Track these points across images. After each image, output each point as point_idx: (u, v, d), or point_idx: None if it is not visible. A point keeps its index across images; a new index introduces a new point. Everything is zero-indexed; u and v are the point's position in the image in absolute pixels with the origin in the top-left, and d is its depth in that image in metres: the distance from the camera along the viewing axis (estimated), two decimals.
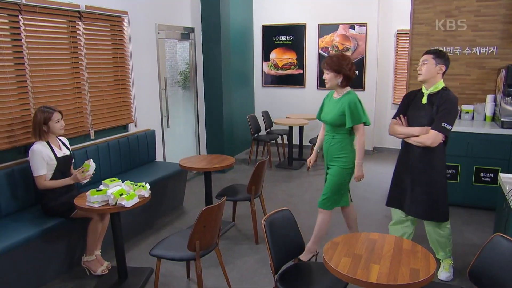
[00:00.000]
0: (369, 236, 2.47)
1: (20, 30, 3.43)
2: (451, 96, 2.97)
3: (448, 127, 2.92)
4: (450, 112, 2.93)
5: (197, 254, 2.76)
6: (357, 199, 5.18)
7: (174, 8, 5.60)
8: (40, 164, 3.20)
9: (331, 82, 3.30)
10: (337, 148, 3.34)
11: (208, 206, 2.72)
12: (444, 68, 3.00)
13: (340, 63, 3.23)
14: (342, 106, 3.25)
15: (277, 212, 2.63)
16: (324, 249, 2.27)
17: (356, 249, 2.28)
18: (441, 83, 3.03)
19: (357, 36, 7.15)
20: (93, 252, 3.43)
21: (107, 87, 4.39)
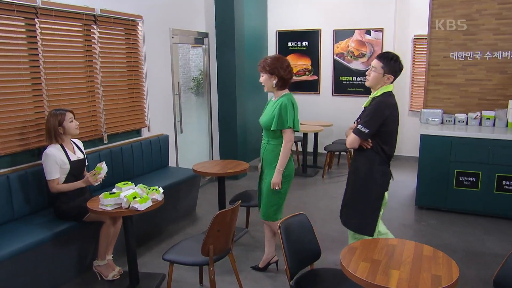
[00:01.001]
0: (388, 241, 2.43)
1: (36, 33, 3.49)
2: (379, 100, 2.86)
3: (364, 130, 2.82)
4: (370, 115, 2.83)
5: (210, 259, 2.74)
6: None
7: (188, 13, 5.66)
8: (53, 167, 3.23)
9: (267, 85, 3.27)
10: (272, 153, 3.27)
11: (222, 210, 2.71)
12: (392, 78, 2.91)
13: (274, 64, 3.20)
14: (275, 109, 3.21)
15: (293, 216, 2.61)
16: (341, 254, 2.24)
17: (374, 255, 2.24)
18: (385, 88, 2.91)
19: (373, 42, 7.13)
20: (104, 257, 3.44)
21: (120, 91, 4.44)
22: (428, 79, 5.42)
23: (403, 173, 6.73)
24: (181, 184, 4.53)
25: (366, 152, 2.93)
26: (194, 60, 10.95)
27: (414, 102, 7.36)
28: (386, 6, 6.97)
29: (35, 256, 3.00)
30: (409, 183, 6.12)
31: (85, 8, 3.88)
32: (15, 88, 3.36)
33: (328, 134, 7.65)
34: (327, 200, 5.44)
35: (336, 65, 7.49)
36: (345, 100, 7.54)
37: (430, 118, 5.25)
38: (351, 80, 7.41)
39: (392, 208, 5.12)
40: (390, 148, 2.94)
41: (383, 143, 2.89)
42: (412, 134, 7.32)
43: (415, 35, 7.08)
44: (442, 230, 4.43)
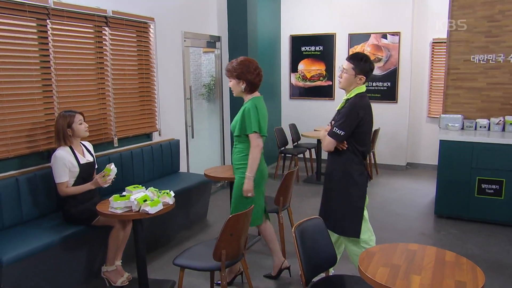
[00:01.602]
0: (408, 246, 2.39)
1: (48, 34, 3.54)
2: (353, 102, 2.92)
3: (339, 133, 2.88)
4: (344, 117, 2.89)
5: (222, 264, 2.71)
6: (391, 216, 5.06)
7: (201, 16, 5.71)
8: (62, 170, 3.25)
9: (235, 90, 3.24)
10: (239, 157, 3.27)
11: (235, 213, 2.69)
12: (364, 79, 2.96)
13: (241, 69, 3.16)
14: (240, 113, 3.20)
15: (309, 220, 2.58)
16: (359, 258, 2.21)
17: (394, 259, 2.20)
18: (359, 89, 2.97)
19: (390, 46, 7.09)
20: (113, 262, 3.43)
21: (131, 94, 4.47)
22: (447, 83, 5.36)
23: (421, 181, 6.65)
24: (192, 190, 4.53)
25: (342, 154, 2.99)
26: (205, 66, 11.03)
27: (432, 108, 7.28)
28: (403, 9, 6.95)
29: (42, 260, 3.01)
30: (427, 191, 6.03)
31: (96, 9, 3.94)
32: (25, 89, 3.40)
33: None
34: None
35: None
36: None
37: (450, 124, 5.18)
38: (367, 85, 7.22)
39: (410, 217, 5.04)
40: (365, 148, 3.02)
41: (358, 144, 2.96)
42: (431, 141, 7.24)
43: (433, 38, 7.03)
44: (464, 240, 4.34)
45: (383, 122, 7.23)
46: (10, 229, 3.21)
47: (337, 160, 3.02)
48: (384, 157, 7.46)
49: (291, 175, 3.93)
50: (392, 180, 6.72)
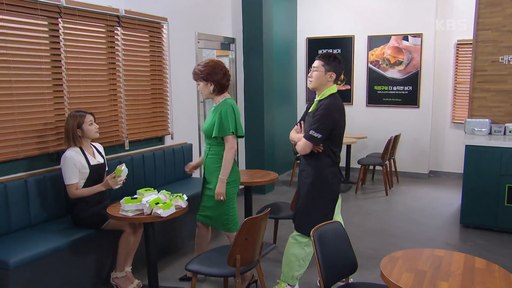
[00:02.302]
0: (434, 252, 2.34)
1: (59, 33, 3.60)
2: (328, 104, 2.97)
3: (316, 136, 2.93)
4: (320, 120, 2.93)
5: (237, 270, 2.69)
6: (413, 225, 4.98)
7: (215, 17, 5.75)
8: (72, 172, 3.27)
9: (204, 93, 3.33)
10: (214, 160, 3.32)
11: (251, 217, 2.67)
12: (335, 75, 3.02)
13: (208, 70, 3.25)
14: (215, 115, 3.26)
15: (327, 224, 2.55)
16: (381, 263, 2.17)
17: (419, 265, 2.16)
18: (331, 90, 3.04)
19: (411, 48, 7.04)
20: (123, 268, 3.43)
21: (143, 96, 4.50)
22: (473, 86, 5.29)
23: (444, 190, 6.55)
24: None
25: (317, 156, 3.04)
26: None
27: (456, 113, 7.19)
28: (426, 9, 6.90)
29: (50, 265, 3.02)
30: (451, 200, 5.94)
31: (109, 8, 3.99)
32: (36, 89, 3.45)
33: (362, 148, 7.54)
34: (361, 217, 5.32)
35: (370, 73, 7.43)
36: (380, 111, 7.45)
37: (476, 128, 5.10)
38: (387, 89, 7.33)
39: (434, 226, 4.95)
40: (339, 150, 3.11)
41: (334, 146, 3.04)
42: (455, 148, 7.13)
43: (458, 40, 6.96)
44: (492, 251, 4.25)
45: (404, 128, 7.16)
46: (18, 232, 3.23)
47: (311, 163, 3.08)
48: (405, 164, 7.37)
49: None
50: (413, 189, 6.63)
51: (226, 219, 3.38)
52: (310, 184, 3.08)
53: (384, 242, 4.46)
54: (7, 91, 3.23)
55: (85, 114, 3.39)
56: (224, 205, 3.34)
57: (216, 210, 3.38)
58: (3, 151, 3.23)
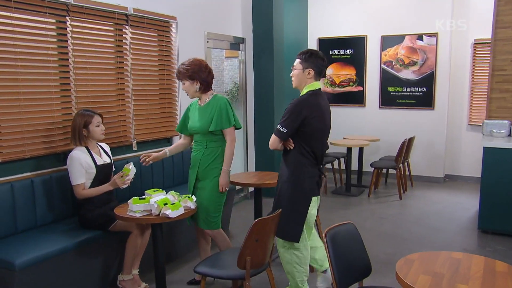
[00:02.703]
0: (451, 255, 2.30)
1: (67, 31, 3.63)
2: (299, 100, 3.01)
3: (282, 130, 2.97)
4: (287, 114, 2.97)
5: (247, 272, 2.67)
6: (428, 230, 4.93)
7: (224, 16, 5.76)
8: (79, 172, 3.29)
9: (190, 91, 3.40)
10: (211, 158, 3.38)
11: (261, 217, 2.66)
12: (313, 71, 3.03)
13: (193, 69, 3.32)
14: (211, 110, 3.35)
15: (341, 225, 2.52)
16: (397, 265, 2.15)
17: (436, 268, 2.13)
18: (310, 87, 3.06)
19: (426, 48, 6.99)
20: (130, 271, 3.43)
21: (152, 96, 4.52)
22: (491, 86, 5.24)
23: (461, 194, 6.48)
24: None
25: (291, 154, 3.07)
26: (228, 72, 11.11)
27: (473, 115, 7.12)
28: (441, 8, 6.86)
29: (56, 266, 3.03)
30: (468, 205, 5.87)
31: (117, 6, 4.01)
32: (43, 88, 3.48)
33: (375, 151, 7.50)
34: (374, 221, 5.27)
35: (383, 74, 7.40)
36: (393, 113, 7.40)
37: (495, 130, 5.04)
38: (401, 91, 7.28)
39: (451, 232, 4.90)
40: (318, 150, 3.07)
41: (306, 145, 3.02)
42: (472, 151, 7.06)
43: (475, 39, 6.90)
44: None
45: (418, 130, 7.10)
46: (24, 233, 3.26)
47: (286, 161, 3.12)
48: (419, 168, 7.31)
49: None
50: (429, 193, 6.56)
51: (217, 216, 3.44)
52: (284, 182, 3.11)
53: (398, 247, 4.42)
54: (14, 89, 3.26)
55: (94, 115, 3.40)
56: (219, 199, 3.43)
57: (212, 206, 3.40)
58: (10, 151, 3.26)
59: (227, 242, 3.54)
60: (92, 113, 3.41)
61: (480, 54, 6.93)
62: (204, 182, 3.42)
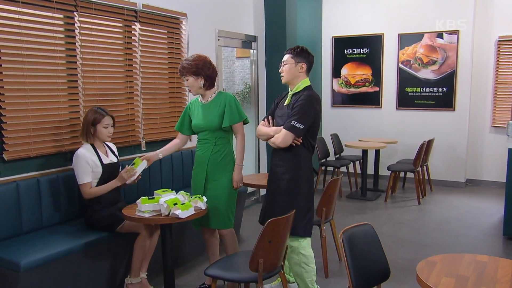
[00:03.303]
0: (476, 257, 2.26)
1: (75, 27, 3.65)
2: (308, 95, 3.11)
3: (298, 126, 3.01)
4: (302, 110, 3.04)
5: (259, 275, 2.65)
6: (450, 236, 4.86)
7: (236, 14, 5.77)
8: (86, 170, 3.30)
9: (194, 88, 3.42)
10: (220, 155, 3.41)
11: (275, 218, 2.63)
12: (306, 66, 3.18)
13: (198, 64, 3.36)
14: (220, 106, 3.39)
15: (358, 226, 2.49)
16: (417, 267, 2.13)
17: (460, 270, 2.09)
18: (305, 82, 3.20)
19: (446, 46, 6.93)
20: (138, 274, 3.42)
21: (161, 95, 4.53)
22: None
23: (484, 199, 6.39)
24: None
25: (293, 150, 3.12)
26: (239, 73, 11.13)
27: (497, 116, 7.02)
28: (463, 3, 6.79)
29: (62, 268, 3.03)
30: (492, 211, 5.79)
31: (126, 2, 4.04)
32: (50, 85, 3.50)
33: (391, 154, 7.43)
34: (392, 226, 5.22)
35: (401, 74, 7.34)
36: (411, 115, 7.34)
37: None
38: (419, 91, 7.22)
39: (474, 238, 4.82)
40: (315, 142, 3.25)
41: (312, 139, 3.17)
42: (496, 154, 6.96)
43: (499, 36, 6.81)
44: None
45: (438, 133, 7.03)
46: (30, 233, 3.27)
47: (289, 157, 3.15)
48: (439, 172, 7.22)
49: (335, 183, 3.85)
50: (449, 198, 6.48)
51: (230, 213, 3.48)
52: (289, 180, 3.14)
53: (417, 253, 4.36)
54: (20, 86, 3.29)
55: (105, 115, 3.41)
56: (233, 196, 3.47)
57: (225, 204, 3.42)
58: (16, 149, 3.28)
59: (236, 244, 3.54)
60: (104, 113, 3.42)
61: (504, 51, 6.83)
62: (216, 181, 3.41)
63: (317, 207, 3.83)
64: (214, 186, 3.42)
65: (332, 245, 4.23)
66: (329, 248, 4.03)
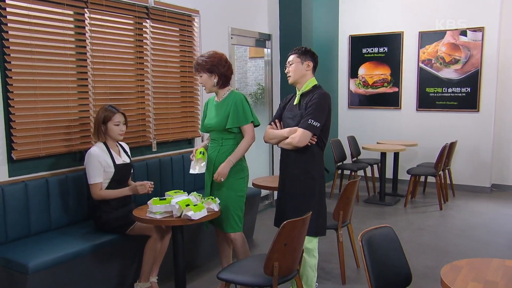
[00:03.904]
0: (505, 263, 2.22)
1: (85, 23, 3.69)
2: (321, 93, 3.17)
3: (315, 124, 3.07)
4: (317, 108, 3.09)
5: (274, 279, 2.64)
6: (475, 243, 4.79)
7: (250, 11, 5.77)
8: (97, 170, 3.31)
9: (208, 85, 3.44)
10: (226, 156, 3.39)
11: (291, 220, 2.62)
12: (312, 64, 3.25)
13: (213, 61, 3.37)
14: (227, 107, 3.40)
15: (377, 228, 2.47)
16: (442, 272, 2.10)
17: (488, 275, 2.05)
18: (312, 81, 3.25)
19: (470, 44, 6.85)
20: (148, 278, 3.43)
21: (173, 95, 4.55)
22: None
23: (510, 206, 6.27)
24: None
25: (307, 150, 3.16)
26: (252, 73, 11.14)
27: None
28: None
29: (70, 270, 3.05)
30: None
31: None
32: (59, 83, 3.53)
33: (411, 157, 7.37)
34: (412, 232, 5.16)
35: (421, 74, 7.29)
36: (432, 116, 7.27)
37: None
38: (441, 91, 7.15)
39: (501, 245, 4.76)
40: (327, 141, 3.29)
41: (324, 138, 3.23)
42: None
43: None
44: None
45: (461, 135, 6.95)
46: (38, 235, 3.30)
47: (304, 158, 3.19)
48: (462, 176, 7.13)
49: (353, 185, 3.82)
50: (473, 203, 6.39)
51: (240, 216, 3.46)
52: (305, 181, 3.19)
53: (439, 260, 4.30)
54: (30, 83, 3.32)
55: (116, 112, 3.43)
56: (241, 199, 3.46)
57: (233, 206, 3.41)
58: (25, 148, 3.31)
59: (246, 249, 3.51)
60: (115, 110, 3.44)
61: None
62: (221, 183, 3.40)
63: (333, 211, 3.82)
64: (219, 188, 3.42)
65: (350, 251, 4.19)
66: (346, 253, 3.99)
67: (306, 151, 3.17)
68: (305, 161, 3.20)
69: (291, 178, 3.25)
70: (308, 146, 3.14)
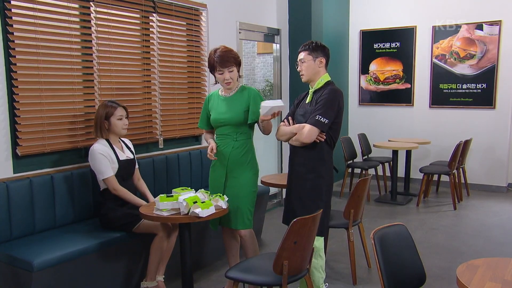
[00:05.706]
0: None
1: (91, 17, 3.70)
2: (331, 89, 3.16)
3: (323, 120, 3.06)
4: (326, 104, 3.08)
5: (284, 278, 2.63)
6: (491, 244, 4.76)
7: (258, 5, 5.76)
8: (106, 163, 3.32)
9: (235, 79, 3.42)
10: (241, 151, 3.41)
11: (301, 217, 2.61)
12: (324, 59, 3.22)
13: (235, 54, 3.40)
14: (245, 101, 3.39)
15: (390, 226, 2.46)
16: (457, 271, 2.08)
17: (506, 275, 2.04)
18: (325, 78, 3.23)
19: (486, 39, 6.79)
20: (154, 277, 3.44)
21: (180, 90, 4.55)
22: None
23: None
24: None
25: (316, 147, 3.17)
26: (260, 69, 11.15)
27: None
28: None
29: (75, 268, 3.06)
30: None
31: None
32: (65, 77, 3.55)
33: (424, 155, 7.33)
34: (424, 232, 5.13)
35: (435, 70, 7.24)
36: (446, 113, 7.22)
37: None
38: (455, 88, 7.10)
39: None
40: (337, 139, 3.30)
41: (334, 136, 3.22)
42: None
43: None
44: None
45: (476, 133, 6.90)
46: (43, 232, 3.32)
47: (312, 155, 3.19)
48: (477, 175, 7.08)
49: (364, 183, 3.81)
50: (489, 203, 6.34)
51: (251, 212, 3.46)
52: (313, 179, 3.19)
53: (453, 261, 4.27)
54: (35, 78, 3.34)
55: (117, 107, 3.45)
56: (251, 198, 3.45)
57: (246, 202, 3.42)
58: (29, 144, 3.33)
59: (256, 246, 3.52)
60: (115, 105, 3.46)
61: None
62: (236, 178, 3.41)
63: (344, 209, 3.81)
64: (233, 184, 3.42)
65: (360, 251, 4.17)
66: (357, 253, 3.99)
67: (314, 148, 3.17)
68: (313, 159, 3.20)
69: (297, 175, 3.26)
70: (317, 143, 3.14)
